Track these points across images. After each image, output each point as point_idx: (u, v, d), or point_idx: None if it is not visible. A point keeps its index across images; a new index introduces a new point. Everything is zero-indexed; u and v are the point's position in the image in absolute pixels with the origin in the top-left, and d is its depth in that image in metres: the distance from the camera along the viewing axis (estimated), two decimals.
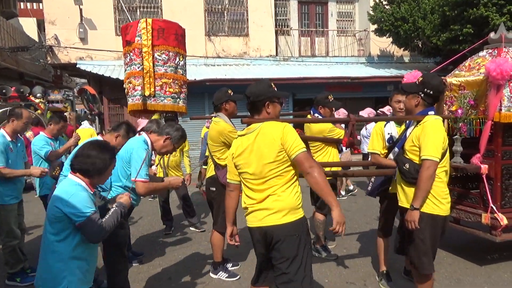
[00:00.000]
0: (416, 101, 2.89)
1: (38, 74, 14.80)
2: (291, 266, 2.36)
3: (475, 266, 4.13)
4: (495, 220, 3.75)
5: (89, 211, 2.19)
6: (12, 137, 3.97)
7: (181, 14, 11.46)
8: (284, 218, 2.36)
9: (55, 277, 2.22)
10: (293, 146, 2.34)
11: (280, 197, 2.37)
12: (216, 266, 4.02)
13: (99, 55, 11.68)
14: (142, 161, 2.98)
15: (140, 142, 3.11)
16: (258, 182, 2.43)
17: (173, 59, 3.34)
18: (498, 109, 3.67)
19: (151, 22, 3.26)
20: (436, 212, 2.79)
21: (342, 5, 14.11)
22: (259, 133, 2.42)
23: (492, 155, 3.88)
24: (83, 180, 2.29)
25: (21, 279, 3.95)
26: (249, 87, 2.56)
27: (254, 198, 2.44)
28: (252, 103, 2.51)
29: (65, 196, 2.20)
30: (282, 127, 2.39)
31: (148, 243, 5.13)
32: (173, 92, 3.34)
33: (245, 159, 2.46)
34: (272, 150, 2.36)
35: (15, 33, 13.13)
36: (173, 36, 3.32)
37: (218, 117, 3.77)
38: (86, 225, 2.18)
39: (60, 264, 2.21)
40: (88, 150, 2.32)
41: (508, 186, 3.92)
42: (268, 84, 2.53)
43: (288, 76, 11.65)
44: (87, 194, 2.26)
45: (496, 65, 3.54)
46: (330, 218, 2.33)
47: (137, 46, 3.23)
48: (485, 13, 9.16)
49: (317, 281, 3.90)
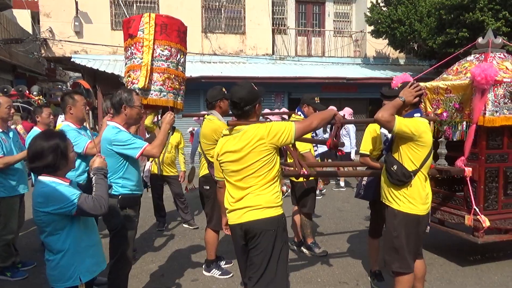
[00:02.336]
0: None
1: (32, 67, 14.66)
2: (265, 260, 2.40)
3: (466, 268, 4.17)
4: (478, 222, 3.81)
5: (75, 197, 2.12)
6: (2, 127, 3.91)
7: (178, 10, 11.39)
8: (262, 213, 2.41)
9: (65, 272, 2.20)
10: (284, 128, 2.39)
11: (259, 195, 2.42)
12: (209, 264, 4.02)
13: (94, 49, 11.57)
14: (127, 140, 2.91)
15: (110, 131, 2.98)
16: (239, 180, 2.46)
17: (175, 55, 3.30)
18: (483, 113, 3.74)
19: (155, 17, 3.23)
20: (412, 212, 2.83)
21: (339, 6, 14.14)
22: (244, 134, 2.43)
23: (476, 158, 3.94)
24: (53, 177, 2.18)
25: (12, 273, 3.92)
26: (236, 93, 2.50)
27: (234, 197, 2.49)
28: (243, 108, 2.49)
29: (44, 198, 2.11)
30: (268, 126, 2.42)
31: (141, 239, 5.11)
32: (174, 88, 3.31)
33: (227, 158, 2.49)
34: (256, 150, 2.39)
35: (9, 24, 12.99)
36: (176, 33, 3.29)
37: (212, 114, 3.76)
38: (82, 209, 2.11)
39: (67, 259, 2.19)
40: (36, 149, 2.16)
41: (491, 188, 3.98)
42: (252, 87, 2.53)
43: (284, 75, 11.65)
44: (64, 186, 2.17)
45: (481, 70, 3.60)
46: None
47: (139, 40, 3.19)
48: (481, 17, 9.24)
49: (309, 280, 3.92)
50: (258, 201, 2.41)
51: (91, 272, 2.30)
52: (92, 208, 2.14)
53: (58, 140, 2.18)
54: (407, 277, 2.92)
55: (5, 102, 3.92)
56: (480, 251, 4.49)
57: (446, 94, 4.03)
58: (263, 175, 2.41)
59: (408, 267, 2.90)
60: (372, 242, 3.79)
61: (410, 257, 2.90)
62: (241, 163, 2.42)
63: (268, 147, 2.38)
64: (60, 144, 2.17)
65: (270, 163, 2.41)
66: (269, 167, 2.41)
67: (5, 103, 3.91)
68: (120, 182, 3.01)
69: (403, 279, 2.92)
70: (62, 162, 2.18)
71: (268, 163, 2.40)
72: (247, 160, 2.40)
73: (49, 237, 2.18)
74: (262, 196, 2.42)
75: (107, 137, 2.98)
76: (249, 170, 2.41)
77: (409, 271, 2.91)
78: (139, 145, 2.96)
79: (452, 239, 4.74)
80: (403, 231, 2.86)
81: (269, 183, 2.43)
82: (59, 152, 2.16)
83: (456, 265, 4.23)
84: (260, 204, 2.41)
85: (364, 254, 4.42)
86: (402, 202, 2.86)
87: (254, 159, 2.39)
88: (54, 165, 2.15)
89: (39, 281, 3.85)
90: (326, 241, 5.02)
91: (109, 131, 3.00)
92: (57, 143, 2.16)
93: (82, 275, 2.23)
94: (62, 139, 2.21)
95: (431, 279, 3.86)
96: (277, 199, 2.46)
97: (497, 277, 3.98)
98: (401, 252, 2.87)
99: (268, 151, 2.39)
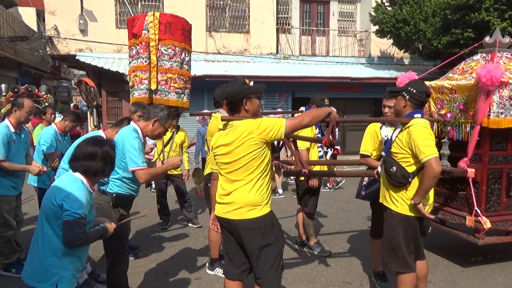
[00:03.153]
0: (403, 103, 2.92)
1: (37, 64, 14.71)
2: (255, 250, 2.50)
3: (470, 269, 4.15)
4: (479, 223, 3.80)
5: (80, 212, 2.14)
6: (16, 128, 3.91)
7: (182, 9, 11.40)
8: (247, 214, 2.47)
9: (46, 272, 2.18)
10: (273, 124, 2.41)
11: (244, 193, 2.47)
12: (213, 262, 4.02)
13: (98, 47, 11.60)
14: (136, 150, 2.95)
15: (129, 132, 3.05)
16: (229, 173, 2.53)
17: (179, 54, 3.31)
18: (487, 115, 3.72)
19: (159, 16, 3.23)
20: (410, 213, 2.82)
21: (343, 5, 14.09)
22: (236, 129, 2.48)
23: (479, 159, 3.92)
24: (85, 178, 2.26)
25: (17, 270, 3.93)
26: (226, 88, 2.62)
27: (225, 189, 2.56)
28: (231, 103, 2.57)
29: (63, 192, 2.16)
30: (258, 121, 2.45)
31: (145, 238, 5.12)
32: (178, 88, 3.32)
33: (220, 151, 2.56)
34: (245, 144, 2.43)
35: (14, 22, 13.03)
36: (180, 31, 3.30)
37: (218, 113, 3.76)
38: (71, 224, 2.12)
39: (53, 259, 2.19)
40: (87, 150, 2.24)
41: (493, 190, 3.96)
42: (242, 82, 2.57)
43: (288, 74, 11.63)
44: (86, 195, 2.20)
45: (487, 71, 3.57)
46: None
47: (144, 39, 3.20)
48: (486, 17, 9.18)
49: (313, 280, 3.92)
50: (244, 201, 2.47)
51: (69, 283, 2.25)
52: (74, 233, 2.13)
53: (109, 149, 2.31)
54: (409, 277, 2.90)
55: (28, 107, 3.89)
56: (482, 253, 4.47)
57: (450, 94, 4.01)
58: (252, 169, 2.46)
59: (408, 267, 2.88)
60: (374, 243, 3.78)
61: (410, 257, 2.89)
62: (231, 156, 2.48)
63: (258, 141, 2.42)
64: (111, 152, 2.31)
65: (259, 158, 2.45)
66: (258, 161, 2.45)
67: (27, 108, 3.88)
68: (117, 182, 3.06)
69: (405, 279, 2.90)
70: (107, 170, 2.31)
71: (257, 157, 2.44)
72: (237, 153, 2.45)
73: (49, 230, 2.19)
74: (248, 195, 2.47)
75: (124, 135, 3.03)
76: (238, 164, 2.47)
77: (410, 270, 2.89)
78: (138, 162, 2.98)
79: (454, 240, 4.73)
80: (401, 232, 2.84)
81: (257, 178, 2.48)
82: (109, 160, 2.28)
83: (460, 267, 4.21)
84: (245, 204, 2.47)
85: (368, 255, 4.41)
86: (400, 204, 2.84)
87: (243, 153, 2.44)
88: (100, 171, 2.27)
89: None
90: (330, 241, 5.01)
91: (130, 132, 3.06)
92: (109, 151, 2.30)
93: (60, 282, 2.19)
94: (113, 149, 2.35)
95: (436, 281, 3.85)
96: (263, 197, 2.51)
97: (502, 278, 3.96)
98: (399, 252, 2.86)
99: (257, 145, 2.42)
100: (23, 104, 3.88)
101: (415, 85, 2.94)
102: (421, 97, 2.90)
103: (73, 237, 2.13)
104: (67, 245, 2.16)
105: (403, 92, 2.92)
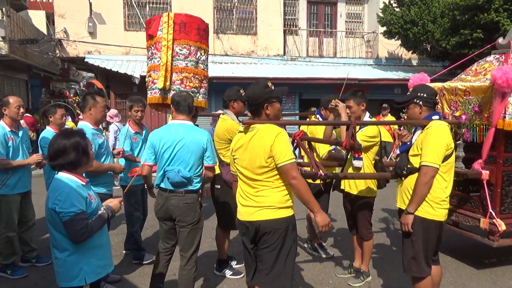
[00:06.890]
0: (418, 109, 2.91)
1: (46, 67, 14.87)
2: (274, 255, 2.46)
3: (480, 272, 4.11)
4: (493, 226, 3.76)
5: (74, 210, 2.13)
6: (11, 127, 3.90)
7: (190, 11, 11.35)
8: (274, 214, 2.45)
9: (71, 270, 2.22)
10: (281, 155, 2.37)
11: (270, 194, 2.46)
12: (220, 264, 4.03)
13: (107, 50, 11.71)
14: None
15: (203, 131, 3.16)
16: (250, 179, 2.51)
17: (194, 53, 3.34)
18: (502, 117, 3.68)
19: (173, 17, 3.26)
20: (430, 217, 2.78)
21: (351, 6, 14.06)
22: (255, 134, 2.47)
23: (494, 161, 3.88)
24: (71, 173, 2.24)
25: (12, 272, 3.92)
26: (247, 90, 2.58)
27: (246, 192, 2.53)
28: (251, 106, 2.54)
29: (51, 196, 2.17)
30: (275, 134, 2.40)
31: (153, 239, 5.14)
32: (193, 87, 3.34)
33: (239, 154, 2.55)
34: (262, 155, 2.41)
35: (25, 25, 13.19)
36: (195, 31, 3.32)
37: (226, 114, 3.78)
38: (70, 223, 2.12)
39: (72, 257, 2.21)
40: (58, 146, 2.21)
41: (508, 192, 3.92)
42: (264, 85, 2.52)
43: (295, 76, 11.64)
44: (76, 190, 2.19)
45: (502, 73, 3.53)
46: None
47: (158, 40, 3.23)
48: (495, 18, 9.10)
49: (321, 282, 3.91)
50: (270, 201, 2.45)
51: (96, 273, 2.30)
52: (76, 230, 2.13)
53: (78, 138, 2.26)
54: (424, 282, 2.88)
55: (15, 102, 3.89)
56: (496, 254, 4.42)
57: (465, 96, 3.95)
58: (270, 179, 2.45)
59: (424, 271, 2.86)
60: (355, 239, 3.92)
61: (428, 262, 2.86)
62: (249, 161, 2.48)
63: (268, 157, 2.41)
64: (81, 141, 2.26)
65: (274, 170, 2.43)
66: (276, 172, 2.43)
67: (14, 103, 3.89)
68: (198, 178, 3.14)
69: (421, 285, 2.88)
70: (84, 159, 2.27)
71: (274, 168, 2.42)
72: (255, 161, 2.45)
73: (57, 233, 2.21)
74: (273, 196, 2.46)
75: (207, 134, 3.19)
76: (257, 171, 2.45)
77: (426, 275, 2.87)
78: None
79: (466, 242, 4.68)
80: (421, 235, 2.80)
81: (277, 187, 2.46)
82: (81, 149, 2.24)
83: (471, 269, 4.17)
84: (272, 204, 2.46)
85: (375, 257, 4.39)
86: (420, 207, 2.77)
87: (261, 162, 2.43)
88: (76, 162, 2.23)
89: (53, 277, 3.88)
90: (338, 243, 4.99)
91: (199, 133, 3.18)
92: (78, 140, 2.25)
93: (87, 276, 2.24)
94: (82, 137, 2.29)
95: (444, 283, 3.81)
96: (287, 200, 2.50)
97: None
98: (418, 256, 2.83)
99: (271, 156, 2.39)
100: (8, 101, 3.87)
101: (424, 90, 2.93)
102: (433, 99, 2.91)
103: (76, 234, 2.15)
104: (75, 242, 2.19)
105: (415, 99, 2.90)
